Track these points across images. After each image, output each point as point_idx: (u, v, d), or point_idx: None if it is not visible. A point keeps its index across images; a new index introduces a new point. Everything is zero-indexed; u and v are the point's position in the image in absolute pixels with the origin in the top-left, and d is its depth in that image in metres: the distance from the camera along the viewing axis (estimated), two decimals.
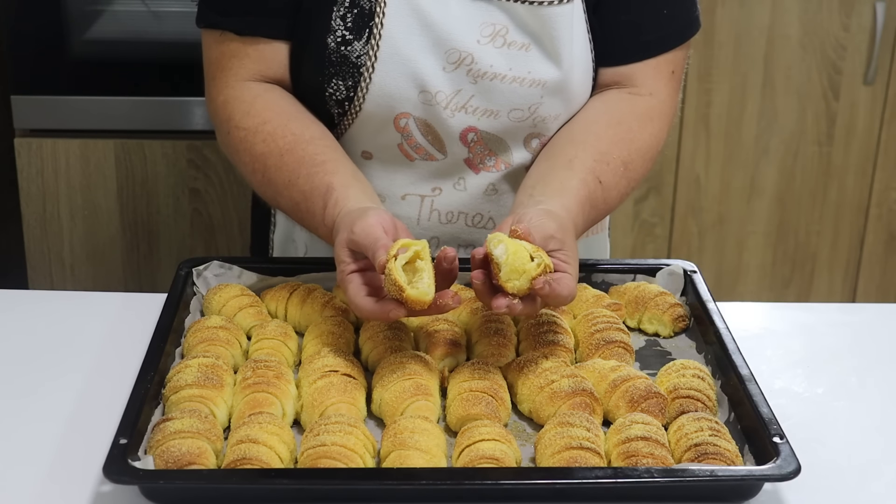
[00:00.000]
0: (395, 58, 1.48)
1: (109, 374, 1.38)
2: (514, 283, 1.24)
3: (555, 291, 1.25)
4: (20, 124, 2.53)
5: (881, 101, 2.86)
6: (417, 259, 1.25)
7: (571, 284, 1.28)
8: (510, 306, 1.25)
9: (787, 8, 2.78)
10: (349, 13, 1.49)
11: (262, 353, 1.35)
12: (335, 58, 1.50)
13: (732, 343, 1.35)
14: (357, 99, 1.51)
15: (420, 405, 1.25)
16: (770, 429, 1.19)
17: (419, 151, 1.56)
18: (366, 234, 1.28)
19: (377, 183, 1.58)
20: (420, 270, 1.24)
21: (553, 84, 1.52)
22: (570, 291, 1.27)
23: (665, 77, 1.57)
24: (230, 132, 1.52)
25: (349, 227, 1.31)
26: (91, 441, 1.24)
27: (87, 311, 1.55)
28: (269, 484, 1.12)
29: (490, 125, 1.54)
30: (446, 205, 1.60)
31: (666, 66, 1.57)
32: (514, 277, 1.24)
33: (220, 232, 2.61)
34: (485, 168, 1.58)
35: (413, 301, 1.22)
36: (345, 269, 1.30)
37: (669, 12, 1.56)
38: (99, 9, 2.53)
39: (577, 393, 1.25)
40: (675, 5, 1.56)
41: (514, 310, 1.26)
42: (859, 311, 1.68)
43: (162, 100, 2.53)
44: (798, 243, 2.99)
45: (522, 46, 1.50)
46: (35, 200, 2.57)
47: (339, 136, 1.56)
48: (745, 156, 2.90)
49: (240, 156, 1.52)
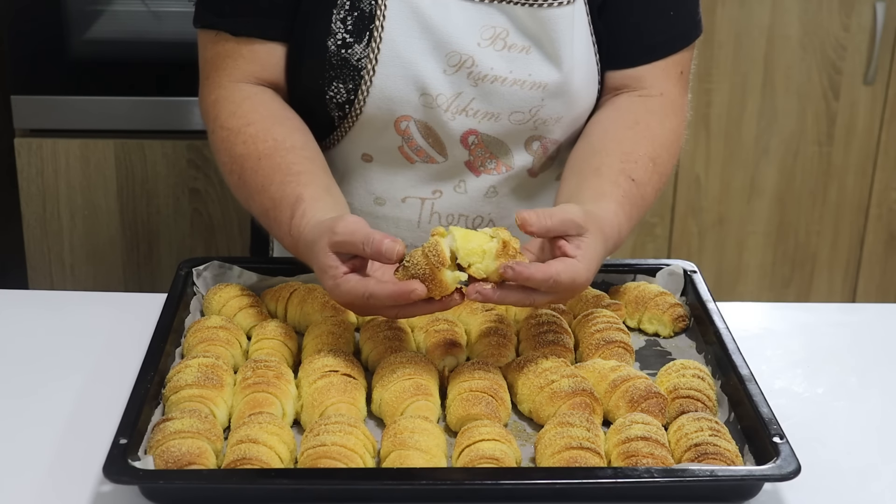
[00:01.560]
0: (395, 61, 1.48)
1: (109, 374, 1.38)
2: (478, 266, 1.22)
3: (527, 273, 1.21)
4: (20, 124, 2.53)
5: (881, 101, 2.86)
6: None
7: (577, 271, 1.24)
8: (480, 291, 1.22)
9: (787, 8, 2.78)
10: (349, 16, 1.49)
11: (262, 353, 1.35)
12: (336, 61, 1.49)
13: (732, 343, 1.35)
14: (358, 102, 1.51)
15: (420, 405, 1.25)
16: (770, 429, 1.19)
17: (420, 154, 1.56)
18: (351, 232, 1.26)
19: (377, 186, 1.58)
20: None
21: (554, 86, 1.52)
22: (574, 278, 1.24)
23: (674, 78, 1.58)
24: (215, 131, 1.52)
25: (328, 231, 1.28)
26: (91, 441, 1.24)
27: (87, 311, 1.55)
28: (269, 484, 1.12)
29: (491, 128, 1.54)
30: (447, 207, 1.60)
31: (674, 67, 1.57)
32: (475, 260, 1.22)
33: (220, 232, 2.61)
34: (485, 170, 1.58)
35: (452, 283, 1.22)
36: (336, 273, 1.27)
37: (675, 14, 1.56)
38: (99, 9, 2.53)
39: (577, 393, 1.25)
40: (680, 7, 1.57)
41: (486, 295, 1.23)
42: (859, 311, 1.68)
43: (162, 100, 2.53)
44: (798, 243, 2.99)
45: (523, 49, 1.50)
46: (35, 200, 2.57)
47: (340, 139, 1.56)
48: (745, 156, 2.90)
49: (220, 155, 1.52)
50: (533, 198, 1.63)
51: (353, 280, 1.27)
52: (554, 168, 1.63)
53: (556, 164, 1.63)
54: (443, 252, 1.21)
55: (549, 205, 1.64)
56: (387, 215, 1.59)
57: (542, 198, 1.64)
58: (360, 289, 1.25)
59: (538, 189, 1.63)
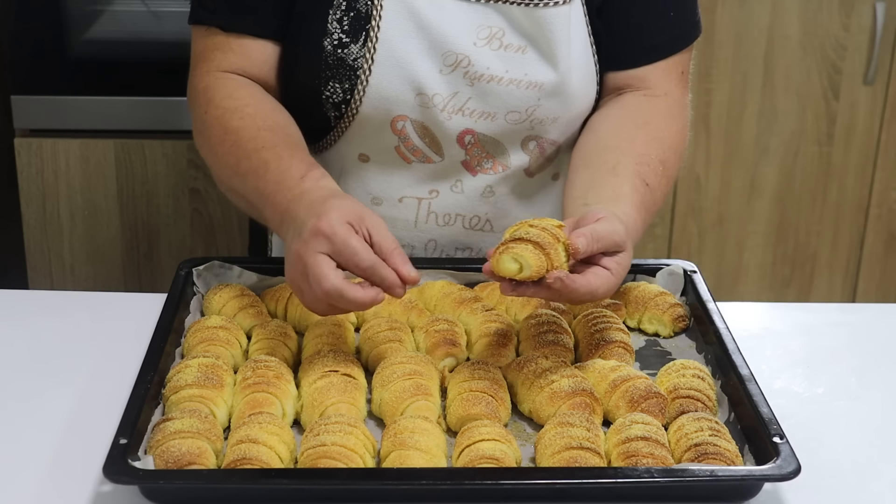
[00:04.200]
0: (391, 60, 1.48)
1: (109, 374, 1.38)
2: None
3: (570, 287, 1.24)
4: (20, 124, 2.53)
5: (881, 101, 2.86)
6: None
7: (611, 286, 1.28)
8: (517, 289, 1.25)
9: (787, 8, 2.77)
10: (345, 16, 1.49)
11: (262, 353, 1.34)
12: (332, 60, 1.49)
13: (732, 343, 1.35)
14: (354, 102, 1.51)
15: (420, 405, 1.25)
16: (770, 429, 1.19)
17: (416, 154, 1.56)
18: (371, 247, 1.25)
19: (374, 186, 1.58)
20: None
21: (550, 86, 1.52)
22: (608, 290, 1.28)
23: (676, 78, 1.58)
24: (208, 111, 1.49)
25: (344, 225, 1.24)
26: (91, 441, 1.24)
27: (87, 311, 1.55)
28: (269, 484, 1.12)
29: (487, 127, 1.54)
30: (444, 207, 1.60)
31: (675, 67, 1.58)
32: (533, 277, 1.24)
33: (220, 232, 2.61)
34: (482, 170, 1.58)
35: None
36: (325, 269, 1.23)
37: (675, 15, 1.57)
38: (99, 9, 2.53)
39: (577, 393, 1.25)
40: (679, 8, 1.57)
41: (523, 291, 1.25)
42: (859, 311, 1.68)
43: (162, 100, 2.53)
44: (798, 243, 2.99)
45: (519, 49, 1.50)
46: (35, 200, 2.57)
47: (336, 139, 1.56)
48: (745, 156, 2.90)
49: (211, 131, 1.47)
50: (530, 197, 1.63)
51: (335, 280, 1.23)
52: (551, 168, 1.63)
53: (553, 164, 1.63)
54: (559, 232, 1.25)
55: (546, 205, 1.65)
56: (384, 215, 1.59)
57: (539, 198, 1.64)
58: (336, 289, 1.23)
59: (535, 189, 1.63)
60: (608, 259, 1.29)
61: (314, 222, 1.24)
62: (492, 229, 1.62)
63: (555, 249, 1.24)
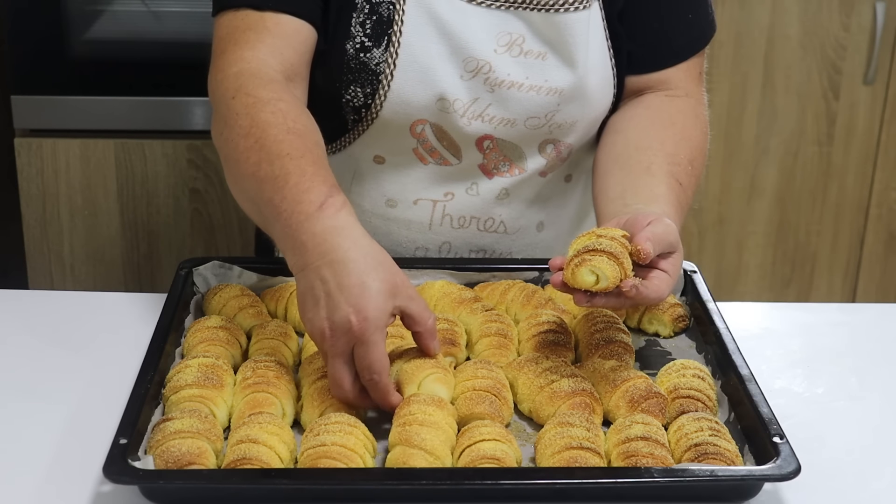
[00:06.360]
0: (413, 65, 1.48)
1: (109, 374, 1.38)
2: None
3: (644, 294, 1.25)
4: (20, 124, 2.53)
5: (881, 101, 2.86)
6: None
7: (670, 286, 1.29)
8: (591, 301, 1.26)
9: (787, 8, 2.77)
10: (368, 20, 1.48)
11: (262, 353, 1.34)
12: (354, 64, 1.49)
13: (732, 343, 1.35)
14: (374, 106, 1.50)
15: (438, 376, 1.26)
16: (770, 429, 1.19)
17: (434, 155, 1.55)
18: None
19: (389, 187, 1.58)
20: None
21: (569, 91, 1.51)
22: (660, 293, 1.28)
23: (695, 78, 1.59)
24: (236, 97, 1.36)
25: (406, 288, 1.24)
26: (91, 441, 1.24)
27: (87, 311, 1.55)
28: (269, 484, 1.12)
29: (506, 133, 1.54)
30: (458, 209, 1.59)
31: (695, 67, 1.59)
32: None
33: (220, 232, 2.61)
34: (498, 173, 1.58)
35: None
36: (380, 323, 1.21)
37: (694, 17, 1.57)
38: (99, 9, 2.52)
39: (577, 393, 1.25)
40: (697, 10, 1.58)
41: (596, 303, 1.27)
42: (859, 311, 1.68)
43: (162, 100, 2.52)
44: (798, 243, 2.99)
45: (539, 55, 1.50)
46: (35, 200, 2.57)
47: (352, 140, 1.55)
48: (745, 156, 2.90)
49: (237, 120, 1.34)
50: (544, 200, 1.63)
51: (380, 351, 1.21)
52: (563, 168, 1.63)
53: (566, 164, 1.63)
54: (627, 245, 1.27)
55: (560, 207, 1.65)
56: (398, 217, 1.59)
57: (553, 200, 1.64)
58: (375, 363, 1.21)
59: (548, 190, 1.63)
60: (665, 262, 1.30)
61: (348, 314, 1.19)
62: (506, 231, 1.62)
63: (626, 258, 1.25)
